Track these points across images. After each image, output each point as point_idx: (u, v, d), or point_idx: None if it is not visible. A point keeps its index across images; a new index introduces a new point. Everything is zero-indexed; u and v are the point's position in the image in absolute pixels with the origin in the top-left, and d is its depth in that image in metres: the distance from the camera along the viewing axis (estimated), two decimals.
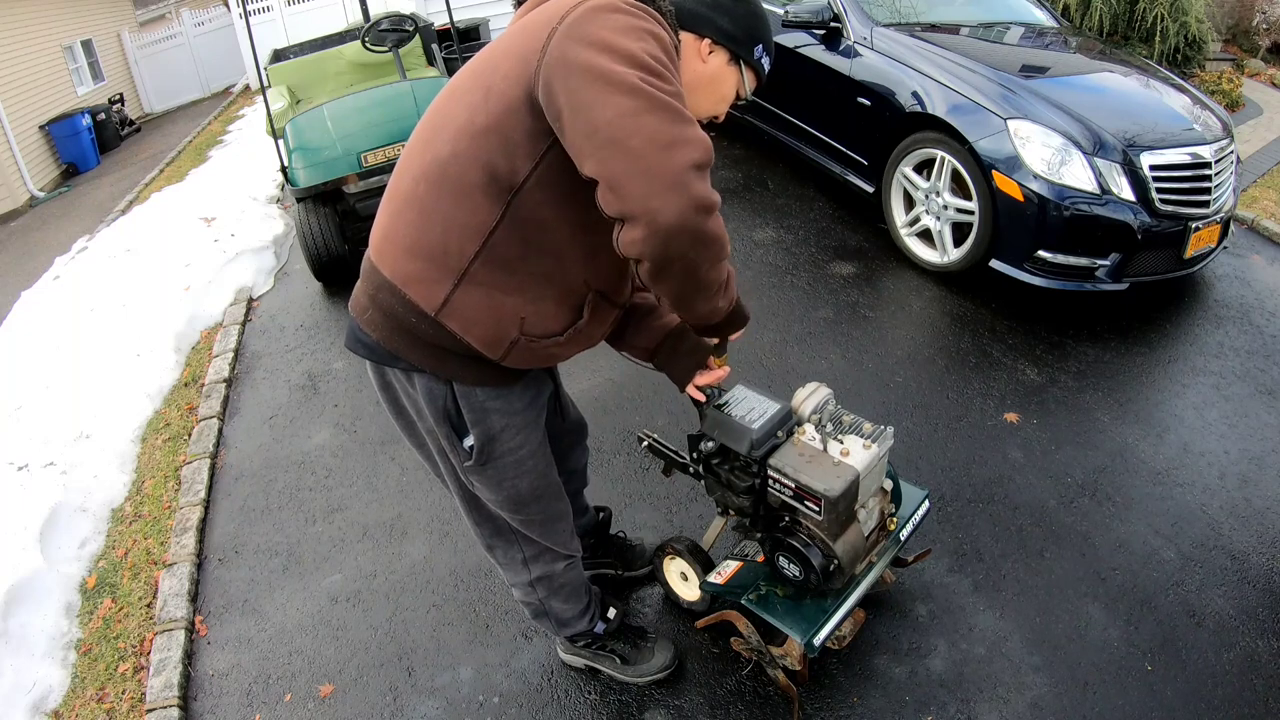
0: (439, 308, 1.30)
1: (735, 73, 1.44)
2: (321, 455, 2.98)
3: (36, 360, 3.95)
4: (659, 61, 1.14)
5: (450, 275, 1.28)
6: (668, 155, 1.08)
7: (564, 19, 1.16)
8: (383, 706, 2.01)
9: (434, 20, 6.18)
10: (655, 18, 1.22)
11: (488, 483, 1.52)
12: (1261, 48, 7.24)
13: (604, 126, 1.08)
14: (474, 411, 1.43)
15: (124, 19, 15.13)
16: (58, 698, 2.19)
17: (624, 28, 1.15)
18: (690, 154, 1.09)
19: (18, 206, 10.11)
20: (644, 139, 1.07)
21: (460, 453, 1.48)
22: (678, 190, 1.08)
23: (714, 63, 1.41)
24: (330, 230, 4.01)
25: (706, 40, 1.39)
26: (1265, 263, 3.67)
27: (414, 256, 1.29)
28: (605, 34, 1.13)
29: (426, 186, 1.27)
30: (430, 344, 1.34)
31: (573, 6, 1.18)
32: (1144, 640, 1.96)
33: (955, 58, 3.45)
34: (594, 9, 1.17)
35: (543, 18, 1.20)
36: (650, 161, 1.07)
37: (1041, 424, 2.68)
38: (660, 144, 1.07)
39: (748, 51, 1.42)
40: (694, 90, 1.41)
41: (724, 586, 1.81)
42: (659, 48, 1.16)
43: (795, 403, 1.72)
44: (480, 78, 1.26)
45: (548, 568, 1.71)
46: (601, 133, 1.09)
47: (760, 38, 1.44)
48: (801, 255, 3.83)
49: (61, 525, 2.73)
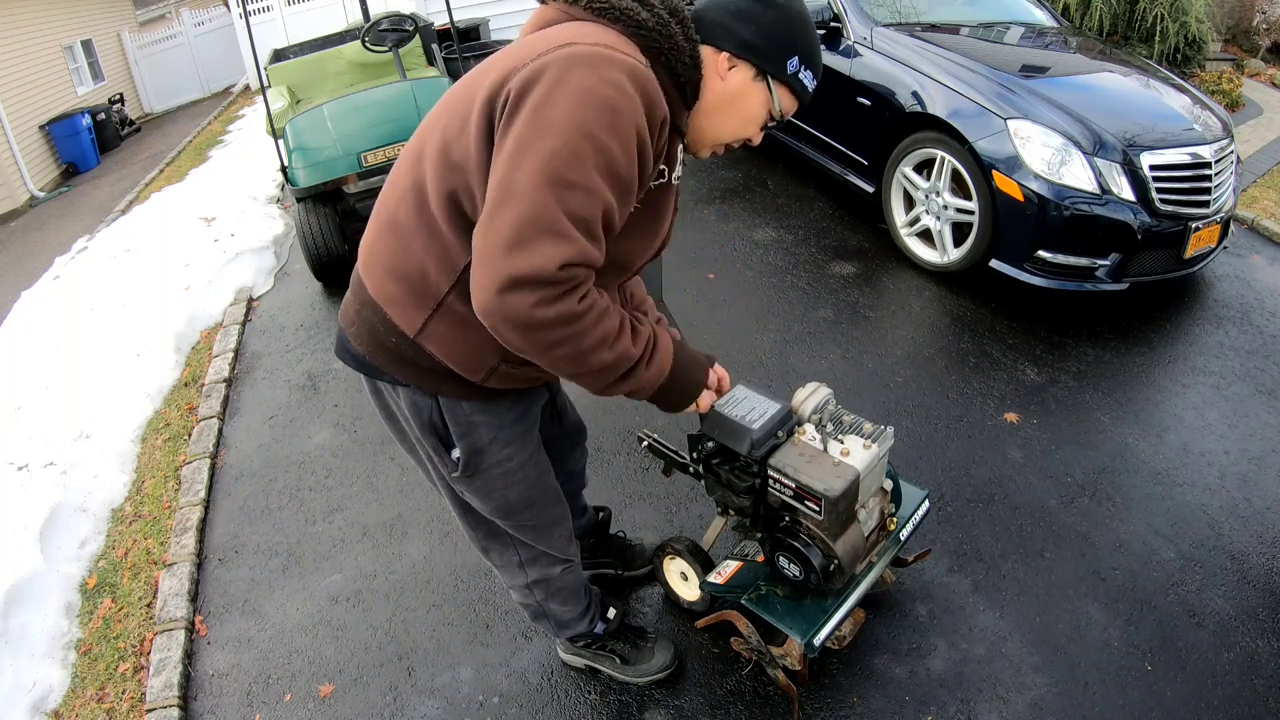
0: (418, 331, 1.28)
1: (762, 90, 1.30)
2: (321, 455, 2.98)
3: (36, 360, 3.95)
4: (597, 149, 1.08)
5: (428, 303, 1.26)
6: (506, 258, 1.07)
7: (539, 58, 1.12)
8: (383, 706, 2.01)
9: (434, 20, 6.18)
10: (637, 82, 1.13)
11: (476, 492, 1.51)
12: (1261, 48, 7.23)
13: (497, 185, 1.09)
14: (460, 425, 1.41)
15: (124, 19, 15.13)
16: (58, 698, 2.19)
17: (584, 96, 1.09)
18: (523, 266, 1.06)
19: (18, 206, 10.12)
20: (503, 226, 1.07)
21: (447, 464, 1.46)
22: (500, 302, 1.09)
23: (735, 80, 1.29)
24: (330, 230, 4.01)
25: (725, 54, 1.27)
26: (1265, 263, 3.67)
27: (394, 279, 1.28)
28: (563, 100, 1.08)
29: (406, 212, 1.25)
30: (412, 362, 1.32)
31: (555, 47, 1.12)
32: (1144, 640, 1.96)
33: (955, 58, 3.45)
34: (569, 59, 1.11)
35: (526, 51, 1.15)
36: (491, 259, 1.08)
37: (1041, 424, 2.68)
38: (505, 244, 1.07)
39: (776, 65, 1.28)
40: (714, 113, 1.31)
41: (724, 586, 1.81)
42: (610, 130, 1.09)
43: (795, 403, 1.71)
44: (461, 103, 1.21)
45: (544, 571, 1.70)
46: (496, 189, 1.09)
47: (795, 48, 1.28)
48: (801, 255, 3.83)
49: (61, 525, 2.73)
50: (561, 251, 1.08)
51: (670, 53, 1.21)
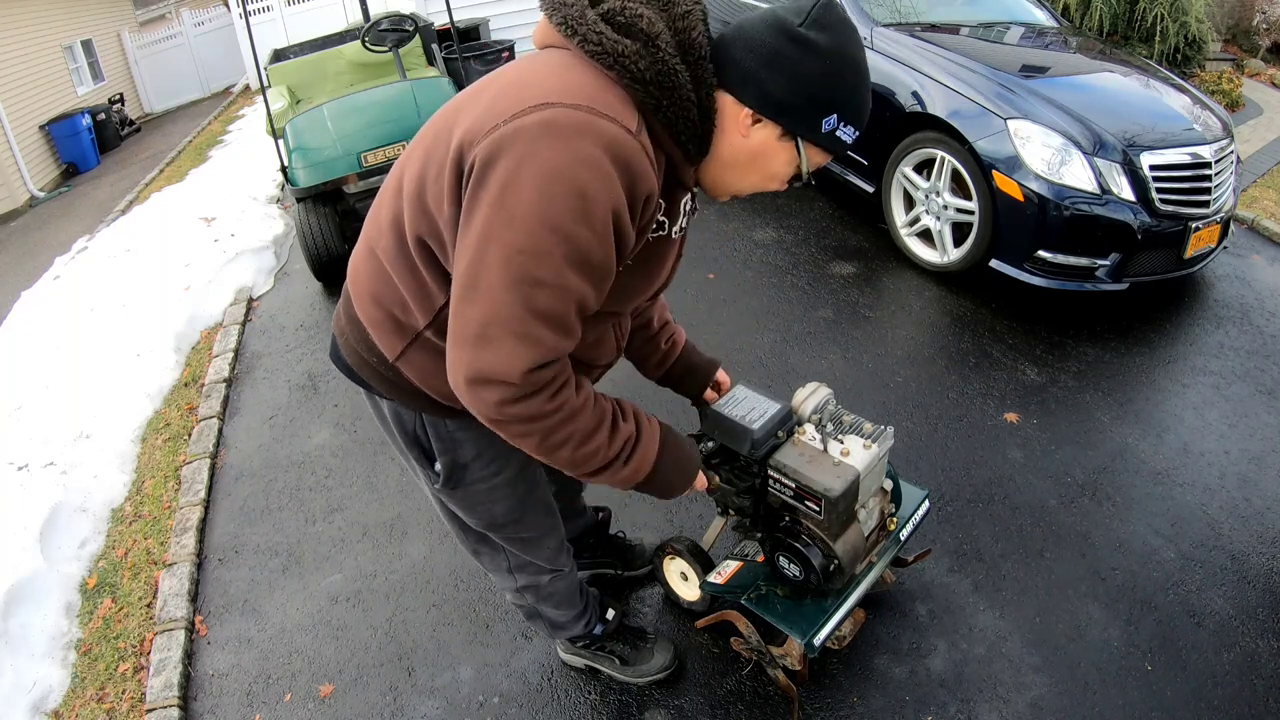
0: (397, 356, 1.26)
1: (789, 149, 1.13)
2: (321, 455, 2.98)
3: (36, 360, 3.95)
4: (565, 240, 1.00)
5: (405, 334, 1.24)
6: (474, 352, 1.05)
7: (514, 119, 1.00)
8: (383, 706, 2.01)
9: (434, 20, 6.18)
10: (619, 160, 1.00)
11: (460, 505, 1.49)
12: (1261, 48, 7.23)
13: (462, 271, 1.05)
14: (443, 440, 1.38)
15: (124, 19, 15.13)
16: (58, 698, 2.19)
17: (553, 180, 0.98)
18: (491, 365, 1.04)
19: (18, 206, 10.12)
20: (471, 320, 1.05)
21: (430, 475, 1.44)
22: (469, 392, 1.08)
23: (758, 137, 1.12)
24: (330, 230, 4.01)
25: (747, 111, 1.10)
26: (1265, 263, 3.67)
27: (375, 304, 1.26)
28: (529, 184, 0.98)
29: (387, 244, 1.20)
30: (393, 382, 1.31)
31: (534, 106, 1.00)
32: (1144, 640, 1.96)
33: (955, 58, 3.45)
34: (543, 127, 0.99)
35: (504, 104, 1.03)
36: (461, 348, 1.06)
37: (1041, 424, 2.68)
38: (470, 337, 1.05)
39: (808, 127, 1.10)
40: (731, 167, 1.17)
41: (724, 586, 1.81)
42: (581, 221, 1.00)
43: (795, 403, 1.71)
44: (441, 142, 1.10)
45: (533, 579, 1.68)
46: (461, 279, 1.05)
47: (834, 105, 1.10)
48: (801, 255, 3.83)
49: (61, 525, 2.73)
50: (528, 355, 1.05)
51: (671, 109, 1.06)
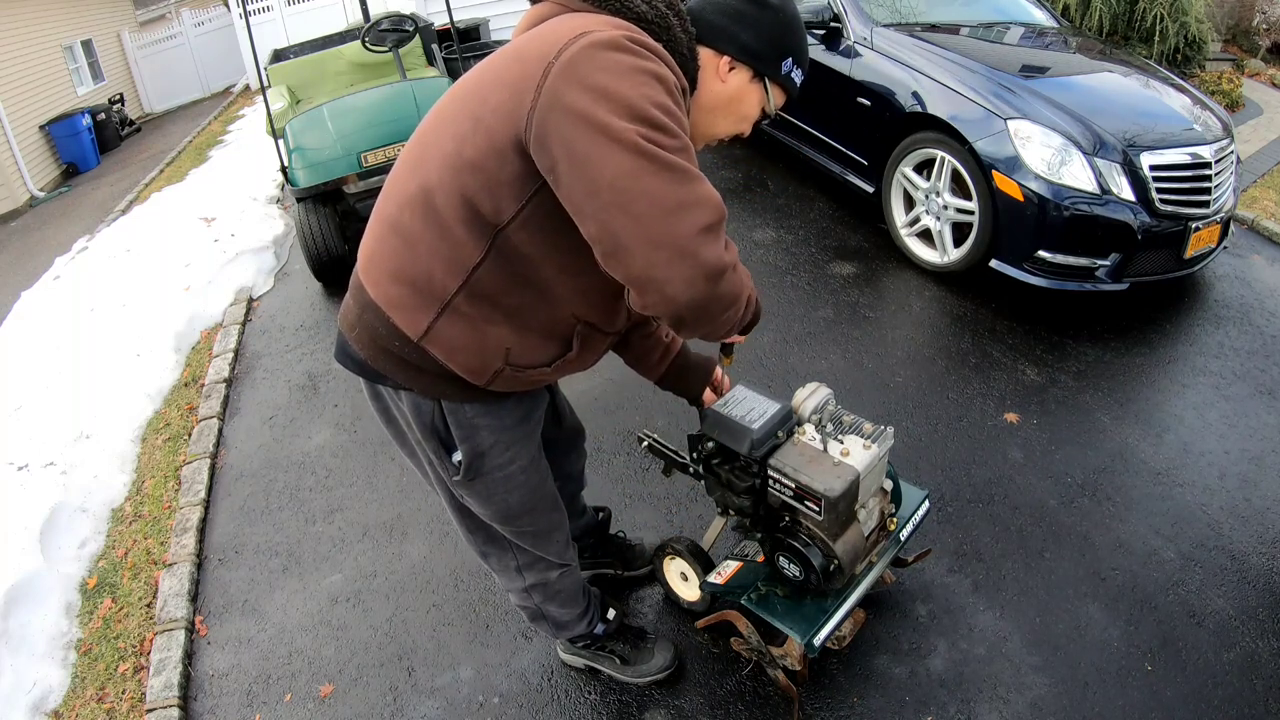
0: (422, 334, 1.26)
1: (759, 90, 1.34)
2: (321, 455, 2.98)
3: (36, 360, 3.95)
4: (663, 110, 1.06)
5: (433, 304, 1.25)
6: (674, 221, 1.02)
7: (560, 54, 1.07)
8: (383, 706, 2.01)
9: (434, 20, 6.19)
10: (659, 57, 1.12)
11: (477, 497, 1.50)
12: (1261, 48, 7.24)
13: (604, 189, 1.02)
14: (462, 428, 1.40)
15: (124, 19, 15.12)
16: (58, 698, 2.19)
17: (625, 71, 1.06)
18: (698, 218, 1.03)
19: (18, 206, 10.12)
20: (648, 204, 1.01)
21: (448, 467, 1.45)
22: (686, 260, 1.03)
23: (734, 81, 1.31)
24: (330, 230, 4.01)
25: (726, 58, 1.30)
26: (1265, 263, 3.67)
27: (398, 282, 1.26)
28: (604, 79, 1.05)
29: (411, 215, 1.22)
30: (415, 366, 1.31)
31: (571, 39, 1.09)
32: (1144, 640, 1.96)
33: (955, 58, 3.45)
34: (593, 46, 1.08)
35: (539, 47, 1.11)
36: (655, 229, 1.02)
37: (1041, 424, 2.68)
38: (665, 209, 1.02)
39: (773, 68, 1.32)
40: (712, 110, 1.33)
41: (724, 586, 1.81)
42: (663, 92, 1.08)
43: (795, 403, 1.72)
44: (469, 104, 1.18)
45: (541, 575, 1.70)
46: (602, 195, 1.03)
47: (789, 51, 1.33)
48: (801, 255, 3.83)
49: (61, 525, 2.73)
50: (707, 187, 1.06)
51: (670, 44, 1.21)
